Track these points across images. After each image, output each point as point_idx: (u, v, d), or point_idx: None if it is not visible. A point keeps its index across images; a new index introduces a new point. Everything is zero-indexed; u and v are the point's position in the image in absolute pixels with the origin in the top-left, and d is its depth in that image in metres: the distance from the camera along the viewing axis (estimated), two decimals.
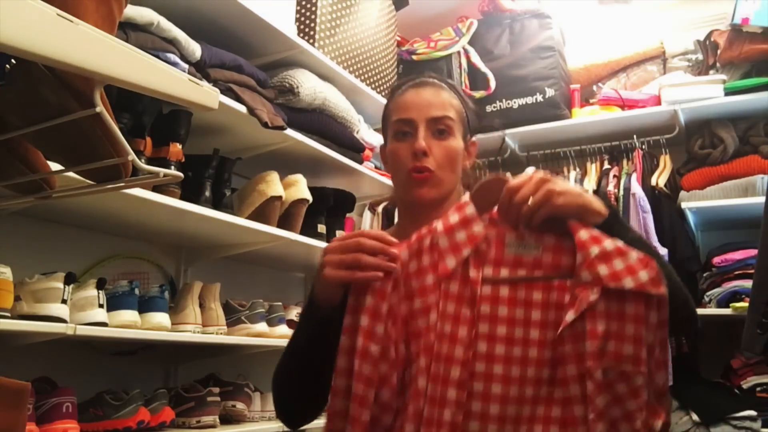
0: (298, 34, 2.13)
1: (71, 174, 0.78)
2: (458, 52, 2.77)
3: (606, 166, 2.63)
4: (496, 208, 0.92)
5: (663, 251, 2.30)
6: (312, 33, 2.20)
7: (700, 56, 2.63)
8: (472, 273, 0.89)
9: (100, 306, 1.50)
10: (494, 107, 2.76)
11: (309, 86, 2.03)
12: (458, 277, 0.89)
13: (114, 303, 1.55)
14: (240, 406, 1.89)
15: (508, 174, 0.94)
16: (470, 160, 1.19)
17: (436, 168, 1.09)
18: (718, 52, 2.48)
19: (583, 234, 0.88)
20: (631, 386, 0.86)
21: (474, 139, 1.20)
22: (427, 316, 0.89)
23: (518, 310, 0.89)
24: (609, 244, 0.88)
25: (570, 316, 0.86)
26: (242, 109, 1.80)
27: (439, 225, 0.92)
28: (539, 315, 0.89)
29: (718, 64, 2.53)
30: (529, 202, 0.89)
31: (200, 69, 1.72)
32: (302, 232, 2.05)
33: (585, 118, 2.67)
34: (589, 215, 0.91)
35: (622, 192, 2.42)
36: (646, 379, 0.87)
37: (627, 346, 0.87)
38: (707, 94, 2.44)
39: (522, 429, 0.86)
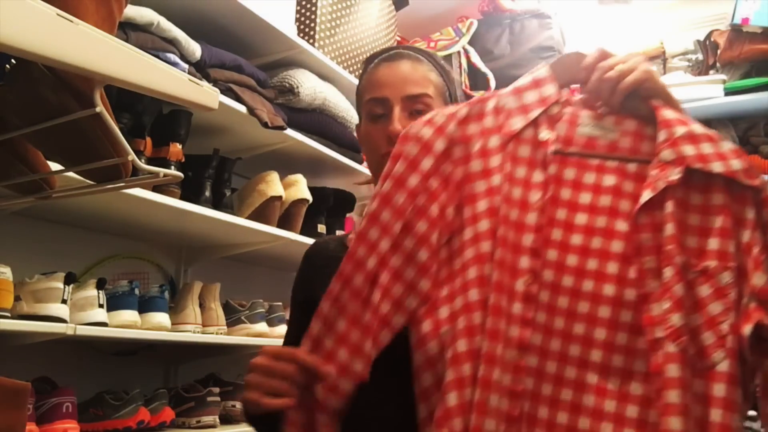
0: (298, 34, 2.13)
1: (71, 174, 0.78)
2: (458, 52, 2.77)
3: None
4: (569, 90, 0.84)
5: None
6: (312, 33, 2.20)
7: (700, 56, 2.63)
8: (543, 134, 0.80)
9: (100, 306, 1.50)
10: None
11: (309, 86, 2.03)
12: (528, 140, 0.80)
13: (114, 303, 1.55)
14: (240, 406, 1.90)
15: None
16: None
17: None
18: (718, 52, 2.47)
19: (668, 113, 0.78)
20: (716, 285, 0.73)
21: None
22: (488, 178, 0.79)
23: (584, 194, 0.78)
24: (698, 127, 0.77)
25: (646, 194, 0.75)
26: (242, 109, 1.80)
27: (506, 89, 0.84)
28: (609, 201, 0.78)
29: (718, 64, 2.53)
30: (618, 67, 0.79)
31: (200, 69, 1.72)
32: (302, 232, 2.05)
33: None
34: (676, 105, 0.81)
35: None
36: (735, 275, 0.73)
37: (712, 241, 0.75)
38: (707, 94, 2.43)
39: (578, 328, 0.75)
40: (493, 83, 2.74)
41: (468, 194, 0.80)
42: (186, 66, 1.66)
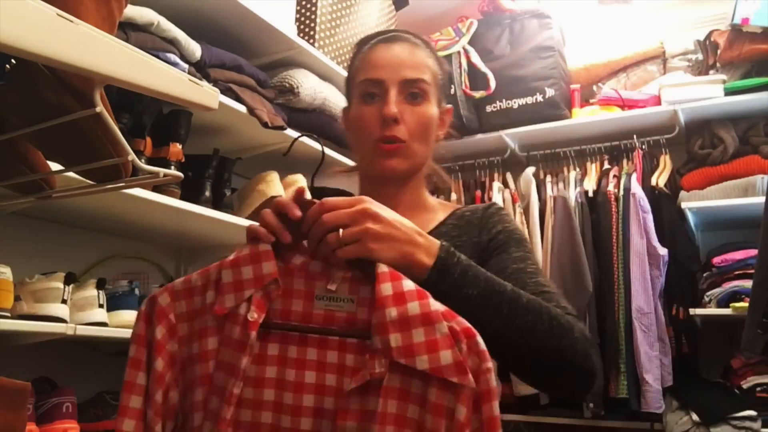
0: (298, 34, 2.13)
1: (71, 174, 0.78)
2: (458, 52, 2.77)
3: (606, 166, 2.63)
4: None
5: (663, 251, 2.31)
6: (312, 33, 2.20)
7: (700, 56, 2.63)
8: (251, 316, 0.71)
9: (100, 306, 1.50)
10: (494, 107, 2.76)
11: (309, 86, 2.03)
12: (239, 320, 0.72)
13: (114, 303, 1.55)
14: None
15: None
16: (443, 130, 1.05)
17: (408, 137, 0.96)
18: (718, 52, 2.48)
19: (387, 288, 0.70)
20: None
21: (448, 106, 1.07)
22: (206, 363, 0.72)
23: (289, 371, 0.71)
24: (415, 306, 0.69)
25: (349, 385, 0.69)
26: (242, 109, 1.80)
27: (231, 256, 0.76)
28: (313, 378, 0.71)
29: (718, 64, 2.53)
30: (340, 234, 0.73)
31: (200, 69, 1.72)
32: None
33: (585, 118, 2.67)
34: (413, 268, 0.76)
35: (622, 192, 2.42)
36: None
37: None
38: (707, 94, 2.44)
39: None
40: (493, 83, 2.74)
41: (190, 378, 0.73)
42: (186, 66, 1.66)
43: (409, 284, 0.71)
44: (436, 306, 0.70)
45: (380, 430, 0.67)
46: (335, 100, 2.16)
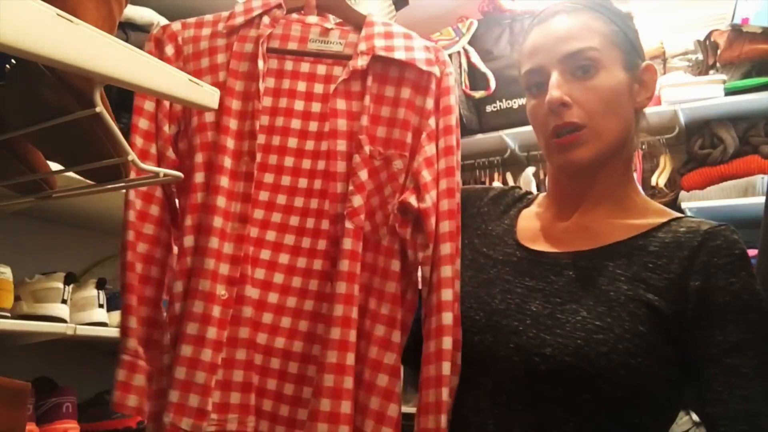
0: None
1: (71, 174, 0.78)
2: (458, 52, 2.77)
3: None
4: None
5: None
6: None
7: (700, 56, 2.63)
8: (261, 29, 0.90)
9: (100, 306, 1.50)
10: (494, 107, 2.76)
11: None
12: (251, 39, 0.90)
13: (114, 303, 1.55)
14: None
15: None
16: (645, 95, 0.87)
17: (587, 119, 0.82)
18: (718, 52, 2.48)
19: (376, 18, 0.90)
20: (390, 171, 0.86)
21: (647, 62, 0.88)
22: (217, 73, 0.90)
23: (282, 99, 0.90)
24: (399, 28, 0.90)
25: (334, 85, 0.88)
26: None
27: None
28: (305, 87, 0.90)
29: (718, 64, 2.53)
30: None
31: None
32: None
33: None
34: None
35: None
36: (406, 163, 0.85)
37: (395, 131, 0.87)
38: (707, 94, 2.44)
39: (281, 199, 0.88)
40: (492, 83, 2.74)
41: None
42: None
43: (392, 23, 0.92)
44: (412, 33, 0.90)
45: (367, 119, 0.86)
46: None
